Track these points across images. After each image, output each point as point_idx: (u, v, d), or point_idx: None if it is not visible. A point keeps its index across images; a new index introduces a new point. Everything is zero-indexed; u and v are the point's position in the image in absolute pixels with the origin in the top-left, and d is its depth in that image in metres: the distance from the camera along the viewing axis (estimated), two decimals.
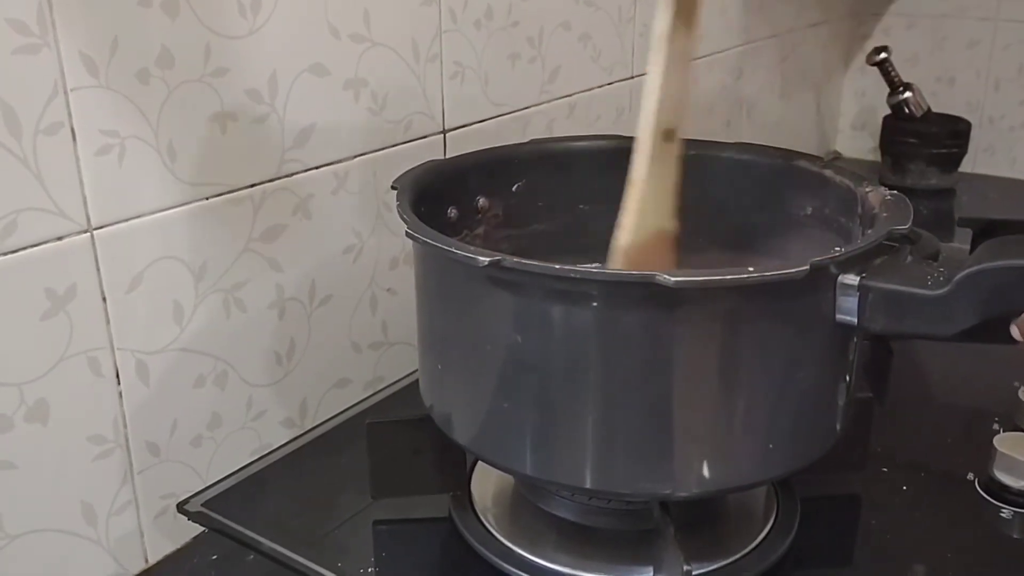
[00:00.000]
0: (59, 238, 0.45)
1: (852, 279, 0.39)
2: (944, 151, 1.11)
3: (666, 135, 0.40)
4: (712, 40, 0.98)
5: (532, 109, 0.74)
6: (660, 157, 0.40)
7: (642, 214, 0.41)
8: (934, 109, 1.14)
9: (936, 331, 0.39)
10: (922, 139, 1.11)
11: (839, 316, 0.40)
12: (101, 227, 0.47)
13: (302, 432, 0.59)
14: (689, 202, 0.55)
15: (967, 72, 1.22)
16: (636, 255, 0.41)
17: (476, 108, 0.69)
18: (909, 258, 0.41)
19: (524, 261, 0.39)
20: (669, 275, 0.36)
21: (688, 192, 0.55)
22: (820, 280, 0.39)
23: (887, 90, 1.12)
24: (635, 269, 0.43)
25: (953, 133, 1.12)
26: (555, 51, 0.75)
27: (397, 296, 0.66)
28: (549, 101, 0.76)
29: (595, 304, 0.39)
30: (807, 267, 0.37)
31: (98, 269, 0.47)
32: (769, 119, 1.13)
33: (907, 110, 1.12)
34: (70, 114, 0.44)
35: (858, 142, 1.31)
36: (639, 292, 0.38)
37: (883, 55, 1.10)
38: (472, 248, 0.40)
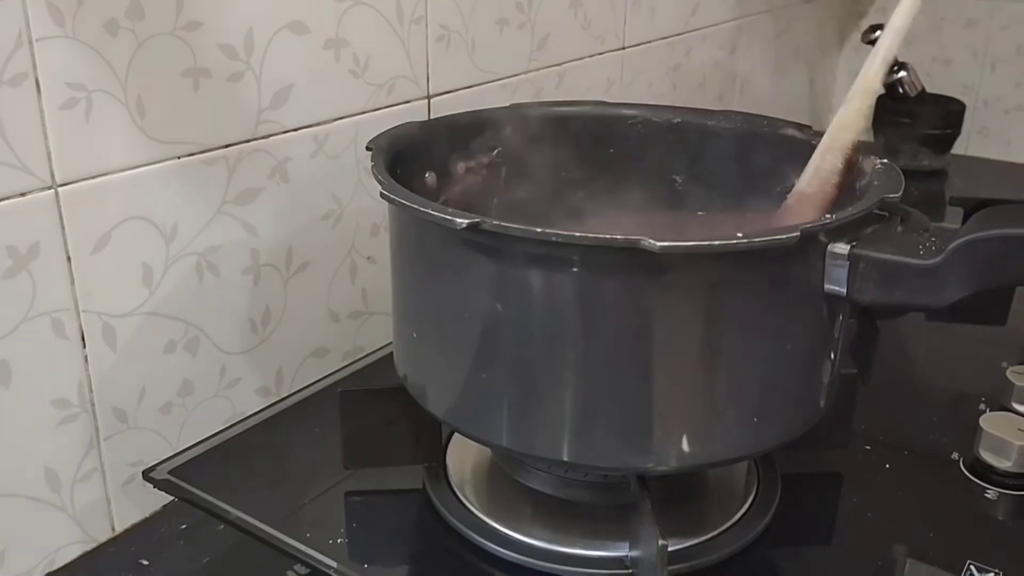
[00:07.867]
0: (22, 194, 0.43)
1: (842, 248, 0.38)
2: (937, 132, 1.10)
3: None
4: (706, 13, 0.96)
5: (520, 77, 0.73)
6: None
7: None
8: (929, 90, 1.12)
9: (927, 302, 0.37)
10: (915, 119, 1.09)
11: (828, 286, 0.39)
12: (66, 184, 0.45)
13: (277, 400, 0.58)
14: (676, 172, 0.55)
15: (964, 53, 1.20)
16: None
17: (462, 74, 0.67)
18: (900, 228, 0.40)
19: (503, 224, 0.37)
20: (655, 240, 0.35)
21: (674, 161, 0.54)
22: (810, 248, 0.38)
23: None
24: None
25: (947, 114, 1.10)
26: (545, 17, 0.73)
27: (377, 264, 0.64)
28: (537, 69, 0.74)
29: (576, 270, 0.37)
30: (797, 234, 0.36)
31: (63, 227, 0.45)
32: (762, 95, 1.12)
33: (901, 90, 1.10)
34: (35, 65, 0.43)
35: None
36: (623, 258, 0.37)
37: (879, 33, 1.08)
38: (450, 210, 0.38)
